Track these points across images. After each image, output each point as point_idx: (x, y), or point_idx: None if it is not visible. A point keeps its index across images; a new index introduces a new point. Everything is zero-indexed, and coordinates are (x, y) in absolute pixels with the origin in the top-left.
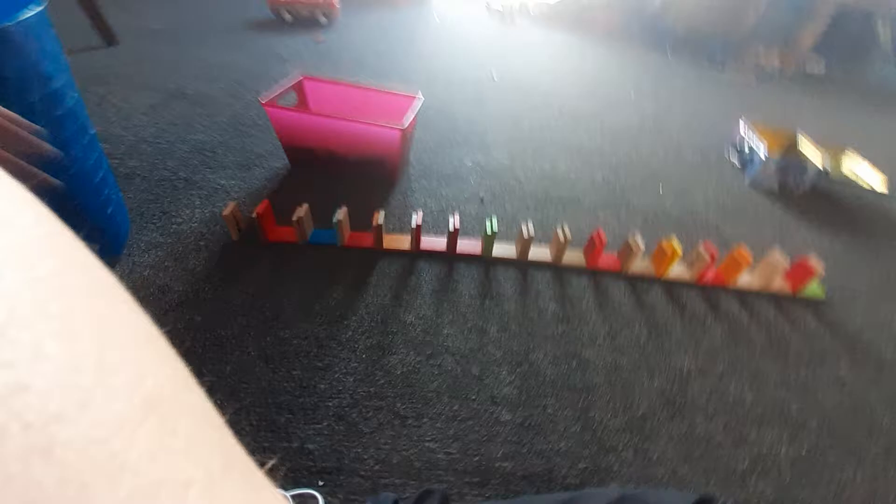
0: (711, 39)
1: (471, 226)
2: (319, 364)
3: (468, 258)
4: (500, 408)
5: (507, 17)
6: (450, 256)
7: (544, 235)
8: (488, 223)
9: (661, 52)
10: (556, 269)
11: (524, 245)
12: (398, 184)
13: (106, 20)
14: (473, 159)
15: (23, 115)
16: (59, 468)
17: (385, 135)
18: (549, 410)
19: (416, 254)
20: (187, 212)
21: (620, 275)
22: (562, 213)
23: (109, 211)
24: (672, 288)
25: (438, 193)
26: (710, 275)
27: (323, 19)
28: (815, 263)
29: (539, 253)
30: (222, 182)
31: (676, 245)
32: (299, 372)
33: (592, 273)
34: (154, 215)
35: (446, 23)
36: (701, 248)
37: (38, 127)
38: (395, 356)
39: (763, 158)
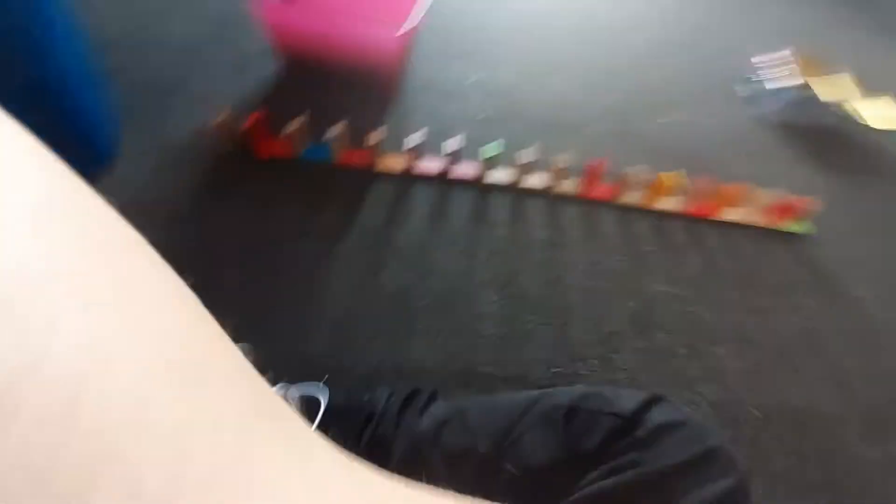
0: None
1: (470, 148)
2: (316, 278)
3: (464, 182)
4: (484, 322)
5: None
6: (445, 180)
7: (544, 162)
8: (489, 147)
9: None
10: (550, 197)
11: (522, 171)
12: (395, 95)
13: None
14: (478, 75)
15: None
16: (84, 426)
17: (378, 39)
18: (528, 326)
19: (412, 176)
20: (174, 120)
21: (612, 205)
22: (565, 139)
23: (98, 116)
24: (660, 219)
25: (438, 112)
26: (699, 208)
27: None
28: (804, 203)
29: (536, 180)
30: (211, 87)
31: (674, 178)
32: (295, 284)
33: (586, 202)
34: (140, 124)
35: None
36: (696, 184)
37: None
38: (386, 274)
39: (785, 90)
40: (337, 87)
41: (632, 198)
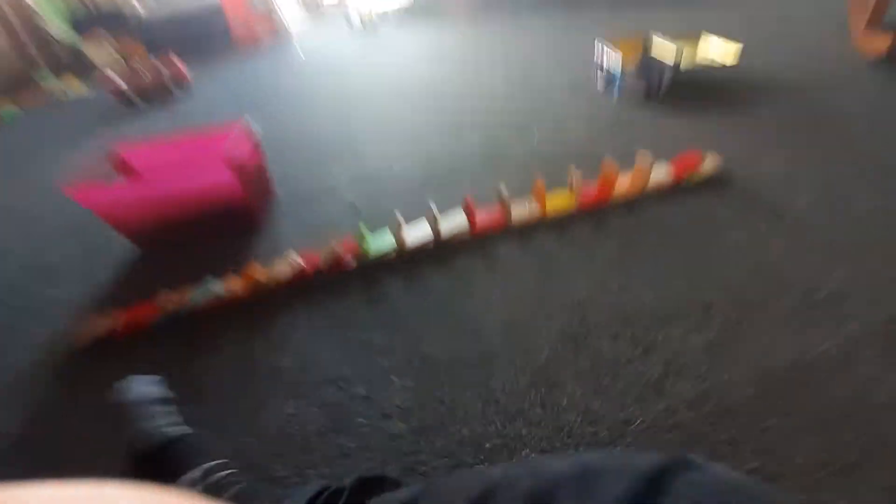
0: None
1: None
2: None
3: (346, 274)
4: (392, 420)
5: (368, 28)
6: (323, 279)
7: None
8: (362, 226)
9: (517, 15)
10: (439, 247)
11: (399, 232)
12: (266, 217)
13: None
14: (347, 169)
15: None
16: None
17: (220, 184)
18: (445, 401)
19: (292, 289)
20: (24, 342)
21: (507, 229)
22: (441, 190)
23: None
24: (558, 223)
25: (312, 213)
26: (590, 197)
27: (174, 88)
28: (697, 156)
29: (419, 236)
30: (62, 297)
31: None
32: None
33: (478, 238)
34: None
35: (310, 53)
36: (571, 174)
37: None
38: (266, 412)
39: (621, 71)
40: (194, 245)
41: (521, 214)
